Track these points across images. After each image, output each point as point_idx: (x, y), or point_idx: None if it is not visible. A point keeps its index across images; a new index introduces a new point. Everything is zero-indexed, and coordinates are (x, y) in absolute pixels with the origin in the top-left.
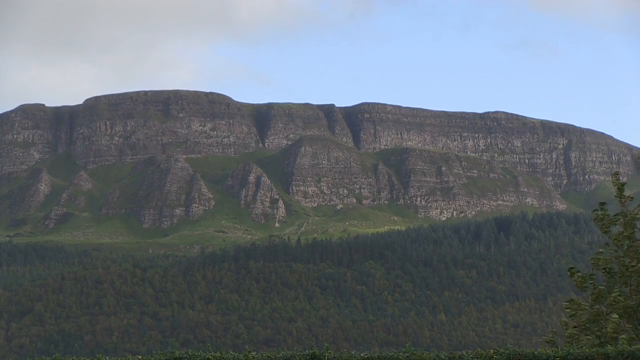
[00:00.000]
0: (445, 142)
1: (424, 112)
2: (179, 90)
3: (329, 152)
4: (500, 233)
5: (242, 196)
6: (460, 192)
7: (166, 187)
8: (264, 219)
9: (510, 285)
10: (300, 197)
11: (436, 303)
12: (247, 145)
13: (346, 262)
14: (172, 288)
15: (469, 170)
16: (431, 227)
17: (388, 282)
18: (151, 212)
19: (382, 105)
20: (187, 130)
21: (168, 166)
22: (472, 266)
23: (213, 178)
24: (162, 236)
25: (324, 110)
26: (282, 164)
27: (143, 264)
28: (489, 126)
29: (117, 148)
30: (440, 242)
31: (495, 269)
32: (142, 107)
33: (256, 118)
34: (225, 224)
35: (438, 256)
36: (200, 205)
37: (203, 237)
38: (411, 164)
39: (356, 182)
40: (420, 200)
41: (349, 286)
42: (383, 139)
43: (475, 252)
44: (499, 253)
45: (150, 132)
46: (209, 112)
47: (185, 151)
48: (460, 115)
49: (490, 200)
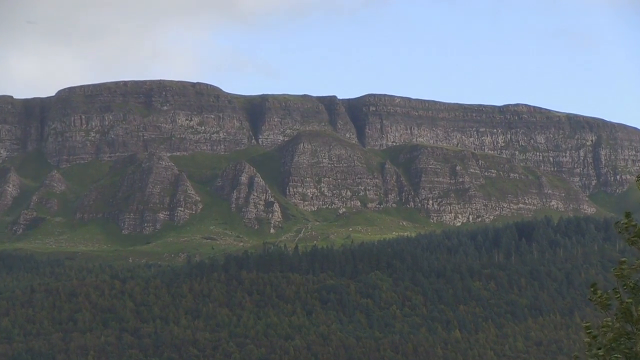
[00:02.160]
0: (460, 139)
1: (437, 105)
2: (162, 81)
3: (330, 149)
4: (521, 240)
5: (233, 199)
6: (477, 194)
7: (148, 188)
8: (257, 225)
9: (532, 299)
10: (298, 199)
11: (450, 318)
12: (239, 141)
13: (349, 273)
14: (155, 301)
15: (486, 169)
16: (444, 234)
17: (396, 294)
18: (131, 216)
19: (390, 97)
20: (172, 125)
21: (150, 165)
22: (491, 277)
23: (201, 178)
24: (143, 243)
25: (325, 102)
26: (277, 163)
27: (122, 274)
28: (509, 120)
29: (93, 145)
30: (454, 250)
31: (516, 280)
32: (121, 99)
33: (249, 111)
34: (215, 229)
35: (452, 266)
36: (187, 209)
37: (189, 245)
38: (422, 163)
39: (361, 183)
40: (432, 204)
41: (353, 299)
42: (391, 135)
43: (494, 261)
44: (520, 262)
45: (130, 127)
46: (196, 105)
47: (169, 148)
48: (477, 108)
49: (510, 204)
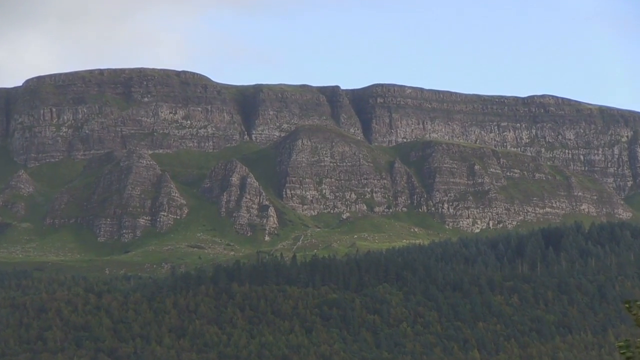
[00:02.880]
0: (479, 134)
1: (453, 96)
2: (143, 69)
3: (332, 146)
4: (548, 249)
5: (223, 202)
6: (498, 197)
7: (127, 190)
8: (250, 231)
9: (561, 315)
10: (297, 203)
11: (468, 337)
12: (229, 137)
13: (354, 286)
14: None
15: (509, 169)
16: (461, 242)
17: (407, 310)
18: (108, 222)
19: (400, 88)
20: (154, 119)
21: (129, 164)
22: (513, 290)
23: (186, 179)
24: (121, 252)
25: (327, 93)
26: (273, 162)
27: (98, 287)
28: (534, 114)
29: (65, 142)
30: (472, 261)
31: (542, 294)
32: (96, 89)
33: (241, 103)
34: (202, 237)
35: (470, 278)
36: (170, 213)
37: (174, 254)
38: (436, 162)
39: (367, 185)
40: (447, 208)
41: (358, 316)
42: (401, 130)
43: (517, 272)
44: (546, 274)
45: (107, 121)
46: (181, 96)
47: (151, 145)
48: (498, 100)
49: (535, 208)
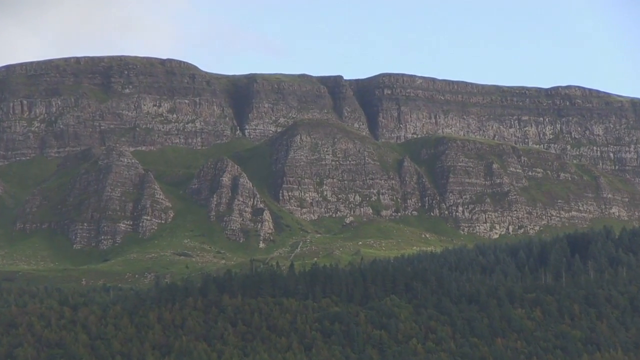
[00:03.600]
0: (497, 129)
1: (468, 87)
2: (124, 57)
3: (334, 142)
4: (574, 257)
5: (213, 205)
6: (519, 200)
7: (106, 192)
8: (243, 237)
9: (588, 330)
10: (295, 206)
11: (485, 355)
12: (220, 133)
13: (359, 298)
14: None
15: (530, 168)
16: (478, 249)
17: (417, 325)
18: (85, 227)
19: (410, 78)
20: (136, 113)
21: (109, 163)
22: (536, 303)
23: (172, 179)
24: (100, 261)
25: (328, 84)
26: (268, 160)
27: (74, 299)
28: (558, 107)
29: (37, 138)
30: (490, 270)
31: (567, 307)
32: (72, 79)
33: (233, 95)
34: (189, 244)
35: (487, 289)
36: (154, 217)
37: (158, 263)
38: (450, 160)
39: (373, 185)
40: (462, 211)
41: (363, 331)
42: (410, 125)
43: (540, 283)
44: (572, 285)
45: (83, 115)
46: (167, 87)
47: (132, 142)
48: (518, 91)
49: (560, 211)
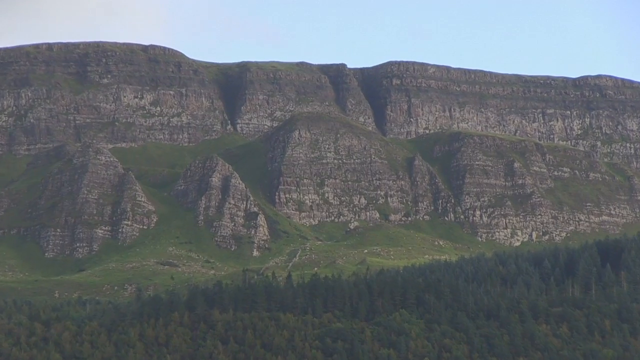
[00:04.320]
0: (519, 124)
1: (487, 77)
2: (101, 43)
3: (337, 138)
4: (605, 266)
5: (201, 209)
6: (544, 202)
7: (82, 194)
8: (235, 245)
9: (621, 349)
10: (292, 209)
11: None
12: (209, 128)
13: (364, 313)
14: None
15: (556, 167)
16: (498, 257)
17: (430, 343)
18: (58, 233)
19: (421, 66)
20: (115, 105)
21: (85, 161)
22: (562, 318)
23: (155, 180)
24: (75, 271)
25: (330, 73)
26: (263, 158)
27: (46, 314)
28: (587, 99)
29: (4, 133)
30: (512, 281)
31: (598, 322)
32: (44, 68)
33: (223, 85)
34: (175, 252)
35: (508, 303)
36: (135, 222)
37: (140, 273)
38: (466, 158)
39: (380, 187)
40: (480, 215)
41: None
42: (422, 119)
43: (567, 296)
44: (603, 298)
45: (56, 107)
46: (149, 77)
47: (111, 138)
48: (543, 81)
49: (590, 215)
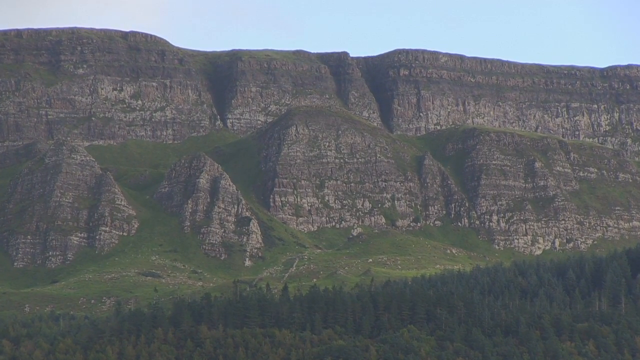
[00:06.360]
0: (541, 119)
1: (505, 67)
2: (77, 29)
3: (338, 135)
4: (636, 277)
5: (187, 213)
6: (568, 206)
7: (55, 197)
8: (225, 254)
9: None
10: (289, 214)
11: None
12: (196, 123)
13: (368, 329)
14: None
15: (582, 167)
16: (517, 267)
17: None
18: (29, 240)
19: (432, 55)
20: (91, 99)
21: (58, 161)
22: (589, 334)
23: (136, 182)
24: (47, 283)
25: (331, 62)
26: (256, 157)
27: (15, 331)
28: (616, 91)
29: None
30: (532, 293)
31: (627, 339)
32: (12, 57)
33: (211, 76)
34: (158, 261)
35: (528, 317)
36: (114, 229)
37: (119, 285)
38: (481, 157)
39: (386, 189)
40: (497, 220)
41: None
42: (433, 113)
43: (594, 310)
44: (634, 312)
45: (26, 101)
46: (130, 67)
47: (87, 134)
48: (567, 71)
49: (619, 220)
